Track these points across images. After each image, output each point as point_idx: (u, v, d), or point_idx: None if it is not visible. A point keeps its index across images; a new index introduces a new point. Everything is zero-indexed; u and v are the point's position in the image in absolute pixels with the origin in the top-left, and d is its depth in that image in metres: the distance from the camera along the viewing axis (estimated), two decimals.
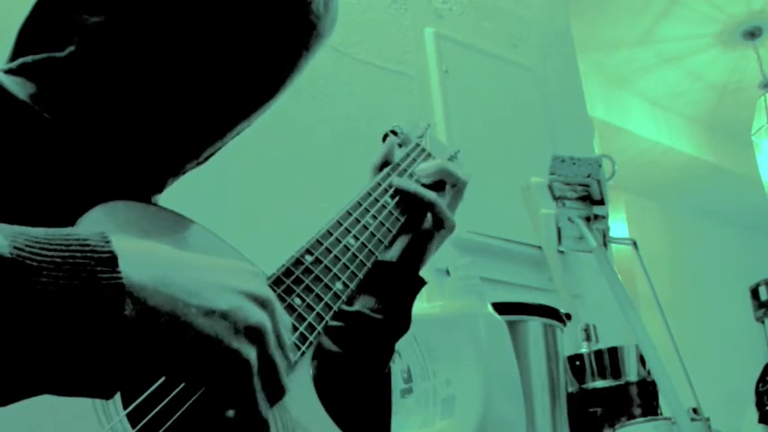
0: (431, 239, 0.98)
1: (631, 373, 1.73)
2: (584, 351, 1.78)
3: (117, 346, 0.44)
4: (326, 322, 0.75)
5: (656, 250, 4.06)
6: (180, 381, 0.56)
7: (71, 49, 0.73)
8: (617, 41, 3.74)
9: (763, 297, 4.38)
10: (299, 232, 0.82)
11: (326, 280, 0.77)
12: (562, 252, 2.12)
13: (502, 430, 1.31)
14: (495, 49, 2.43)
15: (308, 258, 0.78)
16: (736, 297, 4.45)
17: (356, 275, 0.82)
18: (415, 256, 0.97)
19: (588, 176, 1.44)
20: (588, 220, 1.46)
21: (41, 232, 0.44)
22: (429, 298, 1.43)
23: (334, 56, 2.06)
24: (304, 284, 0.75)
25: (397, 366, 1.38)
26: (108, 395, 0.46)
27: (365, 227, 0.88)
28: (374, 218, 0.90)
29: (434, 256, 1.00)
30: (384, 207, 0.93)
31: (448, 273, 1.50)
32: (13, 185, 0.68)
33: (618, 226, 4.06)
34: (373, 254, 0.86)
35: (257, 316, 0.51)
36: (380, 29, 2.21)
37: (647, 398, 1.72)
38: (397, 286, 0.95)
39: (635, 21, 3.64)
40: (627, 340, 1.74)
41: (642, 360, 1.72)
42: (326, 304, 0.75)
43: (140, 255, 0.47)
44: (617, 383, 1.73)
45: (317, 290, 0.76)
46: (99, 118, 0.74)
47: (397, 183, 0.96)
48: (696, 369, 1.54)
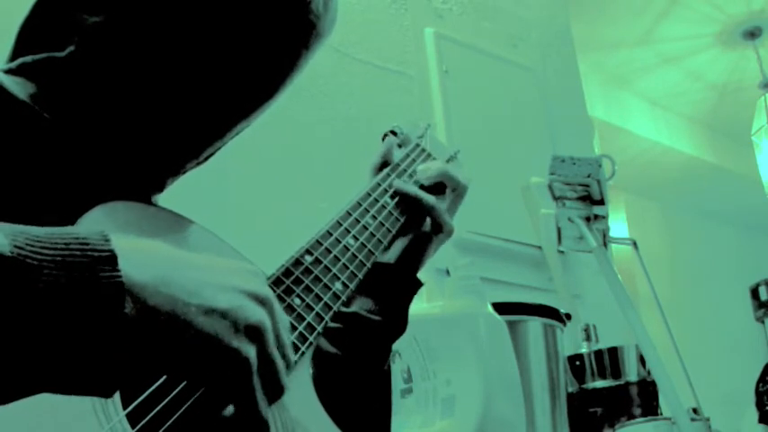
0: (429, 242, 0.97)
1: (631, 373, 1.73)
2: (584, 351, 1.78)
3: (117, 344, 0.44)
4: (326, 322, 0.74)
5: (656, 250, 4.06)
6: (180, 379, 0.56)
7: (71, 48, 0.73)
8: (617, 41, 3.74)
9: (763, 297, 4.38)
10: (298, 232, 0.82)
11: (326, 280, 0.77)
12: (562, 252, 2.12)
13: (502, 430, 1.31)
14: (495, 49, 2.43)
15: (308, 258, 0.78)
16: (736, 297, 4.45)
17: (356, 276, 0.82)
18: (412, 258, 0.97)
19: (588, 176, 1.44)
20: (588, 220, 1.46)
21: (42, 231, 0.44)
22: (429, 298, 1.43)
23: (334, 56, 2.06)
24: (303, 285, 0.75)
25: (397, 366, 1.38)
26: (108, 394, 0.46)
27: (365, 227, 0.88)
28: (374, 218, 0.90)
29: (434, 256, 1.00)
30: (384, 207, 0.93)
31: (448, 273, 1.50)
32: (13, 185, 0.68)
33: (618, 226, 4.06)
34: (373, 254, 0.86)
35: (257, 315, 0.51)
36: (380, 29, 2.21)
37: (647, 398, 1.72)
38: (394, 288, 0.95)
39: (635, 21, 3.64)
40: (627, 340, 1.74)
41: (642, 360, 1.72)
42: (326, 304, 0.75)
43: (140, 254, 0.47)
44: (617, 383, 1.73)
45: (316, 290, 0.76)
46: (99, 118, 0.74)
47: (397, 185, 0.96)
48: (696, 369, 1.54)
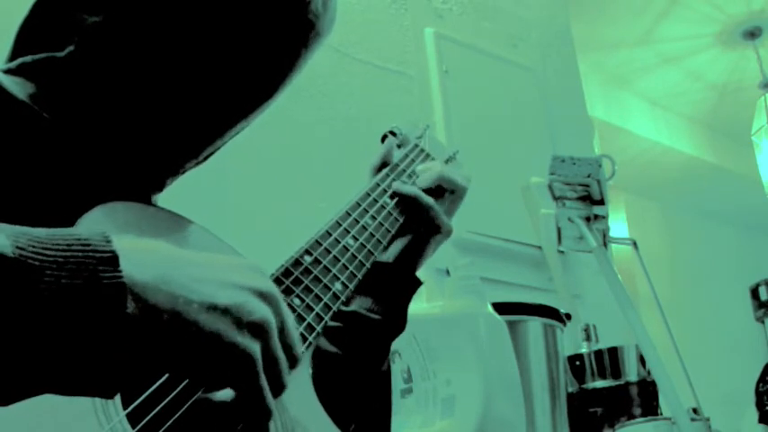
0: (427, 243, 0.98)
1: (631, 373, 1.73)
2: (584, 351, 1.78)
3: (119, 344, 0.44)
4: (326, 322, 0.75)
5: (656, 250, 4.06)
6: (183, 377, 0.56)
7: (70, 48, 0.73)
8: (617, 41, 3.74)
9: (763, 297, 4.38)
10: (297, 232, 0.82)
11: (326, 280, 0.77)
12: (562, 252, 2.12)
13: (502, 430, 1.31)
14: (495, 49, 2.43)
15: (307, 259, 0.78)
16: (736, 297, 4.45)
17: (355, 276, 0.82)
18: (411, 257, 0.97)
19: (588, 176, 1.44)
20: (588, 220, 1.46)
21: (43, 232, 0.44)
22: (429, 298, 1.43)
23: (334, 56, 2.05)
24: (303, 285, 0.75)
25: (397, 366, 1.38)
26: (110, 395, 0.46)
27: (364, 227, 0.88)
28: (373, 218, 0.90)
29: (434, 256, 1.01)
30: (383, 208, 0.93)
31: (448, 273, 1.50)
32: (13, 185, 0.68)
33: (618, 226, 4.06)
34: (372, 254, 0.86)
35: (261, 311, 0.51)
36: (380, 29, 2.21)
37: (647, 398, 1.72)
38: (393, 287, 0.95)
39: (635, 21, 3.64)
40: (627, 340, 1.74)
41: (642, 360, 1.72)
42: (326, 305, 0.75)
43: (141, 253, 0.47)
44: (617, 383, 1.73)
45: (316, 290, 0.76)
46: (99, 118, 0.74)
47: (395, 186, 0.96)
48: (696, 369, 1.54)
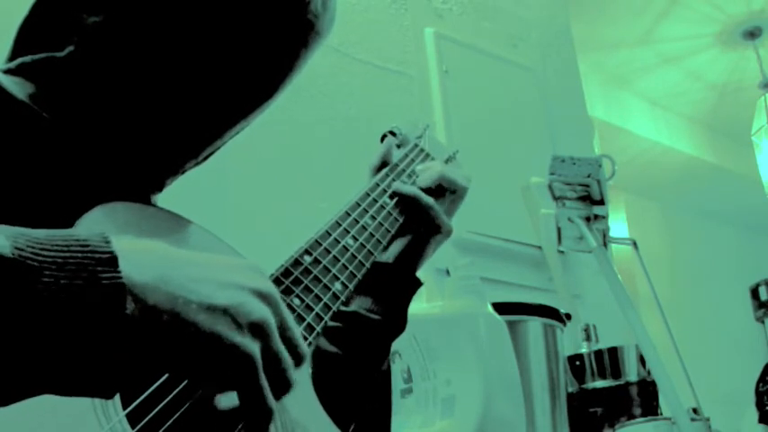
0: (427, 243, 0.98)
1: (631, 373, 1.73)
2: (584, 351, 1.78)
3: (118, 345, 0.44)
4: (326, 323, 0.74)
5: (656, 250, 4.06)
6: (183, 378, 0.56)
7: (70, 48, 0.73)
8: (617, 41, 3.74)
9: (763, 297, 4.38)
10: (297, 232, 0.82)
11: (325, 280, 0.77)
12: (562, 252, 2.12)
13: (502, 430, 1.31)
14: (495, 49, 2.43)
15: (307, 259, 0.78)
16: (736, 297, 4.45)
17: (355, 276, 0.82)
18: (411, 258, 0.97)
19: (588, 176, 1.44)
20: (588, 220, 1.46)
21: (42, 233, 0.44)
22: (429, 298, 1.43)
23: (334, 56, 2.05)
24: (303, 285, 0.75)
25: (397, 366, 1.38)
26: (109, 395, 0.46)
27: (364, 227, 0.88)
28: (373, 218, 0.90)
29: (434, 256, 1.00)
30: (383, 207, 0.93)
31: (448, 273, 1.50)
32: (12, 185, 0.68)
33: (618, 226, 4.06)
34: (372, 254, 0.86)
35: (260, 311, 0.50)
36: (380, 29, 2.21)
37: (647, 398, 1.72)
38: (393, 287, 0.95)
39: (635, 21, 3.64)
40: (627, 340, 1.74)
41: (642, 360, 1.72)
42: (325, 305, 0.75)
43: (140, 254, 0.47)
44: (617, 383, 1.73)
45: (315, 290, 0.76)
46: (98, 118, 0.74)
47: (395, 186, 0.96)
48: (696, 369, 1.54)
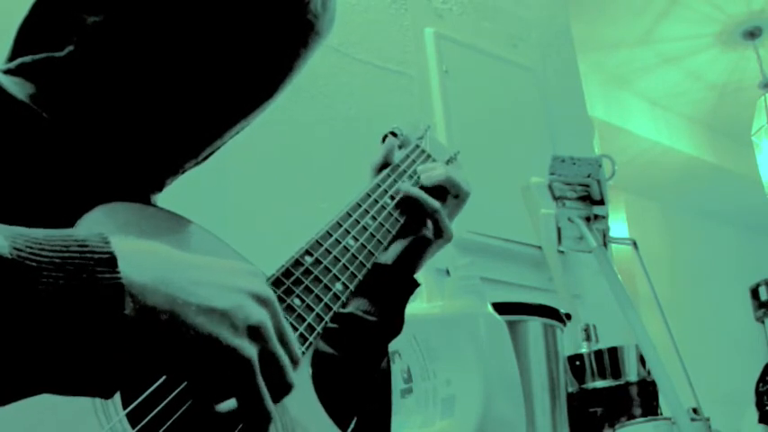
0: (428, 246, 0.97)
1: (631, 373, 1.73)
2: (584, 351, 1.78)
3: (117, 345, 0.44)
4: (326, 323, 0.74)
5: (656, 250, 4.06)
6: (181, 380, 0.56)
7: (70, 48, 0.73)
8: (617, 41, 3.74)
9: (763, 297, 4.38)
10: (298, 233, 0.82)
11: (326, 281, 0.77)
12: (562, 252, 2.12)
13: (502, 430, 1.31)
14: (495, 49, 2.43)
15: (308, 259, 0.77)
16: (736, 297, 4.45)
17: (356, 276, 0.82)
18: (410, 260, 0.97)
19: (588, 176, 1.44)
20: (588, 220, 1.46)
21: (41, 233, 0.44)
22: (429, 298, 1.43)
23: (334, 56, 2.05)
24: (303, 285, 0.75)
25: (397, 366, 1.38)
26: (108, 394, 0.46)
27: (364, 228, 0.88)
28: (373, 219, 0.90)
29: (434, 256, 1.00)
30: (383, 208, 0.93)
31: (448, 273, 1.50)
32: (12, 186, 0.68)
33: (618, 226, 4.06)
34: (373, 255, 0.86)
35: (258, 315, 0.51)
36: (380, 29, 2.21)
37: (647, 398, 1.72)
38: (390, 289, 0.95)
39: (635, 21, 3.64)
40: (627, 340, 1.74)
41: (642, 360, 1.72)
42: (326, 305, 0.75)
43: (140, 255, 0.47)
44: (617, 383, 1.73)
45: (316, 291, 0.75)
46: (98, 118, 0.74)
47: (402, 188, 0.96)
48: (696, 369, 1.54)
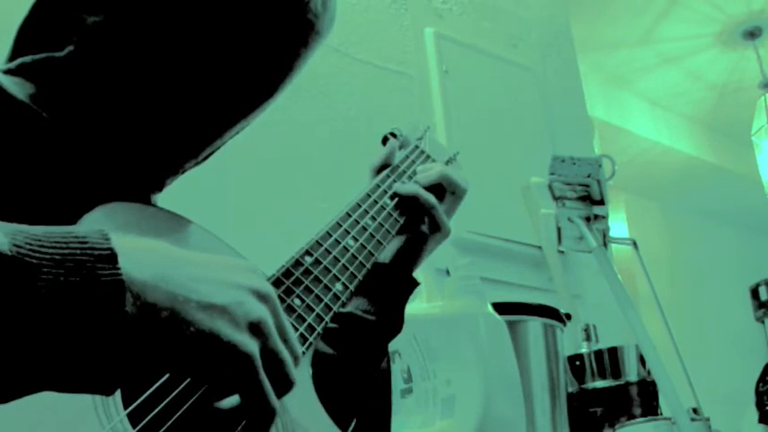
0: (425, 243, 0.97)
1: (631, 373, 1.73)
2: (584, 351, 1.78)
3: (117, 342, 0.44)
4: (326, 323, 0.74)
5: (656, 250, 4.06)
6: (182, 377, 0.56)
7: (70, 48, 0.73)
8: (617, 41, 3.74)
9: (763, 297, 4.38)
10: (298, 233, 0.82)
11: (326, 281, 0.77)
12: (562, 252, 2.12)
13: (502, 430, 1.31)
14: (495, 49, 2.43)
15: (308, 259, 0.78)
16: (736, 297, 4.45)
17: (355, 276, 0.82)
18: (408, 258, 0.96)
19: (588, 176, 1.44)
20: (588, 220, 1.46)
21: (41, 230, 0.44)
22: (429, 298, 1.43)
23: (334, 56, 2.06)
24: (303, 285, 0.75)
25: (397, 366, 1.38)
26: (108, 392, 0.46)
27: (364, 228, 0.88)
28: (373, 219, 0.90)
29: (434, 255, 1.00)
30: (383, 208, 0.93)
31: (448, 273, 1.50)
32: (12, 185, 0.68)
33: (618, 226, 4.06)
34: (372, 255, 0.86)
35: (258, 311, 0.51)
36: (380, 29, 2.21)
37: (647, 398, 1.72)
38: (389, 288, 0.95)
39: (635, 21, 3.64)
40: (627, 340, 1.74)
41: (642, 360, 1.72)
42: (326, 305, 0.75)
43: (140, 252, 0.47)
44: (617, 383, 1.73)
45: (316, 291, 0.76)
46: (98, 118, 0.74)
47: (396, 187, 0.96)
48: (696, 369, 1.54)
